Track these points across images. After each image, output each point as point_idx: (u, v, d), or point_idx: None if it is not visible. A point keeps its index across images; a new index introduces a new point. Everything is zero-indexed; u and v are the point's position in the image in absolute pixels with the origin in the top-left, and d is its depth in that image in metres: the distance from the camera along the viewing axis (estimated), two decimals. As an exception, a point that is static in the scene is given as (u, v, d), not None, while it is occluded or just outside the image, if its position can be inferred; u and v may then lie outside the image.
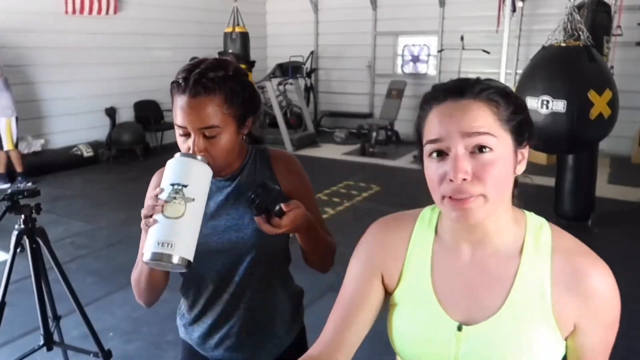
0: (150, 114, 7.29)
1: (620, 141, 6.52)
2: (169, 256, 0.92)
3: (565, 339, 0.79)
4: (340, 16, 8.83)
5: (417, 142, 0.83)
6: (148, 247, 0.93)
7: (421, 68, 8.54)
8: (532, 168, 0.82)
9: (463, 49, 7.14)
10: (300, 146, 7.61)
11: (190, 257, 0.95)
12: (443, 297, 0.82)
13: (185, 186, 0.95)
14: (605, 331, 0.81)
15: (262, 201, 1.01)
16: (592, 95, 3.55)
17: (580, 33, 3.71)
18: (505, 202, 0.78)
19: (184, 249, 0.94)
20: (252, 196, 1.01)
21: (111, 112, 7.00)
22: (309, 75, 8.95)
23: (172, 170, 0.99)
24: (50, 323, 2.10)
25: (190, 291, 1.24)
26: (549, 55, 3.78)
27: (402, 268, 0.87)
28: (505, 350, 0.77)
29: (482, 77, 0.81)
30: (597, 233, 4.14)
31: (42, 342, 2.09)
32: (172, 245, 0.92)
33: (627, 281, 3.64)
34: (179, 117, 1.04)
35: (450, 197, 0.73)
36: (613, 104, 3.63)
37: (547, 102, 3.62)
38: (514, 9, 6.72)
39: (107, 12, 6.67)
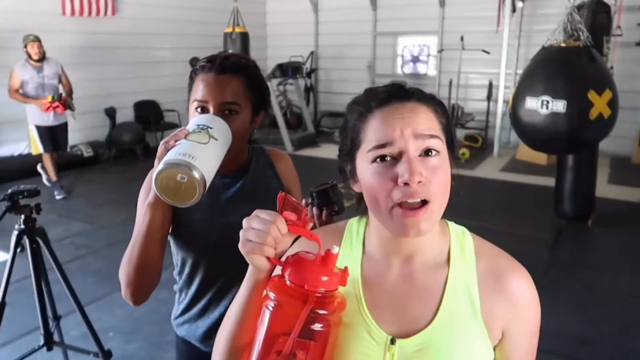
0: (150, 114, 7.29)
1: (620, 141, 6.52)
2: (190, 166, 0.85)
3: (494, 350, 0.79)
4: (340, 16, 8.84)
5: (347, 150, 0.78)
6: (166, 157, 0.89)
7: (421, 68, 8.54)
8: (532, 168, 0.81)
9: (463, 49, 7.14)
10: (300, 146, 7.61)
11: (207, 183, 0.89)
12: (375, 311, 0.79)
13: (211, 128, 0.98)
14: (530, 337, 0.81)
15: (333, 197, 1.08)
16: (592, 95, 3.55)
17: (580, 33, 3.71)
18: (445, 205, 0.77)
19: (205, 170, 0.88)
20: (329, 190, 1.09)
21: (111, 112, 7.00)
22: (309, 75, 8.95)
23: (198, 118, 1.02)
24: (50, 323, 2.10)
25: (193, 286, 1.22)
26: (548, 56, 3.78)
27: None
28: None
29: (483, 77, 0.80)
30: (597, 233, 4.14)
31: (42, 342, 2.09)
32: (194, 157, 0.87)
33: (627, 281, 3.65)
34: (200, 92, 1.08)
35: (401, 207, 0.70)
36: (613, 104, 3.63)
37: (547, 102, 3.62)
38: (514, 10, 6.73)
39: (105, 14, 6.67)
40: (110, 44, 6.88)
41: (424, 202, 0.70)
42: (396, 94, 0.75)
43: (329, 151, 7.57)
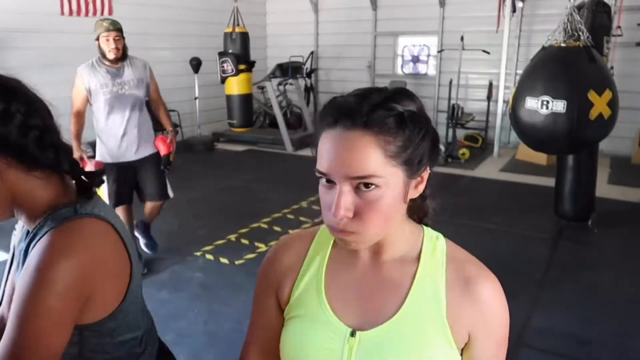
0: (150, 114, 7.28)
1: (620, 141, 6.52)
2: None
3: (461, 354, 0.79)
4: (341, 16, 8.83)
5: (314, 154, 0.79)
6: None
7: (421, 68, 8.54)
8: (532, 168, 0.81)
9: (463, 49, 7.14)
10: (300, 146, 7.61)
11: None
12: (336, 304, 0.81)
13: None
14: (497, 345, 0.80)
15: None
16: (592, 95, 3.55)
17: (580, 33, 3.71)
18: (396, 222, 0.77)
19: None
20: None
21: (111, 112, 6.99)
22: (309, 75, 8.94)
23: None
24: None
25: None
26: (549, 56, 3.78)
27: (294, 281, 0.86)
28: (401, 356, 0.75)
29: (483, 78, 0.76)
30: (597, 233, 4.14)
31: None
32: None
33: (627, 281, 3.65)
34: None
35: (331, 229, 0.74)
36: (613, 104, 3.63)
37: (547, 102, 3.62)
38: (514, 10, 6.73)
39: (102, 14, 6.68)
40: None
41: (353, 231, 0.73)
42: (345, 115, 0.70)
43: (329, 151, 7.58)
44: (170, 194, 3.54)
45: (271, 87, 7.65)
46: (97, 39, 3.14)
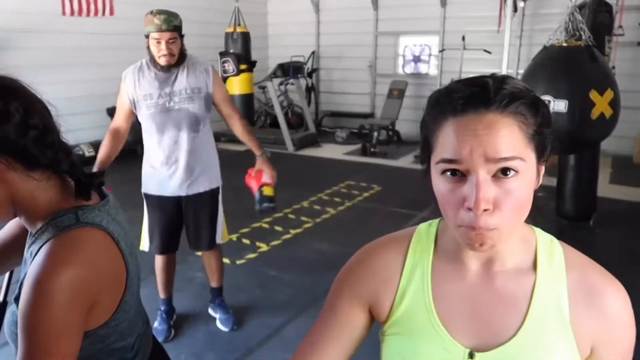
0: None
1: (622, 141, 6.51)
2: None
3: None
4: (342, 16, 8.83)
5: (423, 149, 0.73)
6: None
7: (422, 68, 8.53)
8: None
9: (464, 49, 7.13)
10: (302, 146, 7.61)
11: None
12: (449, 321, 0.73)
13: None
14: (622, 357, 0.74)
15: None
16: (593, 95, 3.54)
17: (582, 33, 3.70)
18: (525, 217, 0.71)
19: None
20: None
21: (112, 112, 6.98)
22: (310, 75, 8.94)
23: None
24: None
25: None
26: (550, 55, 3.78)
27: (395, 294, 0.78)
28: None
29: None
30: (598, 233, 4.13)
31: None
32: None
33: (629, 281, 3.64)
34: None
35: (467, 228, 0.65)
36: (615, 104, 3.63)
37: (549, 102, 3.61)
38: (515, 9, 6.71)
39: (103, 14, 6.68)
40: (111, 44, 6.88)
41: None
42: (475, 100, 0.65)
43: (330, 151, 7.58)
44: (219, 238, 2.72)
45: (272, 87, 7.65)
46: (147, 37, 2.47)
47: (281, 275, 3.49)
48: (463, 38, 7.16)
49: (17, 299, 0.91)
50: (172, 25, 2.40)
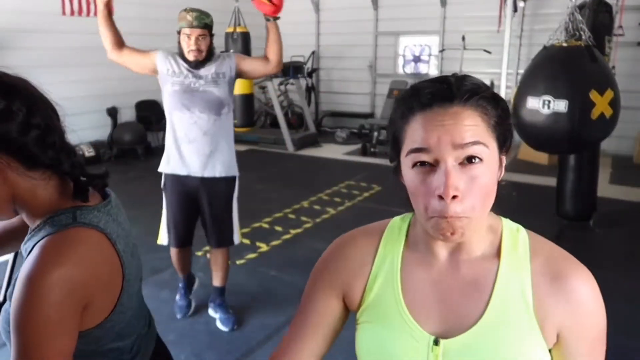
0: (151, 114, 7.28)
1: (622, 141, 6.52)
2: None
3: (550, 351, 0.74)
4: (342, 16, 8.83)
5: (392, 147, 0.76)
6: None
7: (422, 68, 8.54)
8: (534, 168, 0.80)
9: (464, 49, 7.13)
10: (302, 146, 7.61)
11: None
12: (416, 310, 0.76)
13: None
14: (592, 346, 0.74)
15: None
16: (593, 95, 3.54)
17: (582, 33, 3.70)
18: (490, 206, 0.74)
19: None
20: None
21: (113, 112, 7.01)
22: (310, 75, 8.94)
23: None
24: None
25: None
26: (550, 55, 3.77)
27: (366, 283, 0.81)
28: None
29: (484, 77, 0.77)
30: (598, 233, 4.13)
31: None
32: None
33: (628, 281, 3.64)
34: None
35: (438, 218, 0.68)
36: (615, 104, 3.62)
37: (549, 102, 3.61)
38: (515, 9, 6.72)
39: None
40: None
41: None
42: (440, 95, 0.70)
43: (330, 151, 7.58)
44: (236, 239, 2.77)
45: (272, 87, 7.65)
46: (178, 33, 2.64)
47: (281, 275, 3.49)
48: (463, 38, 7.16)
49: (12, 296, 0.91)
50: (203, 22, 2.56)
